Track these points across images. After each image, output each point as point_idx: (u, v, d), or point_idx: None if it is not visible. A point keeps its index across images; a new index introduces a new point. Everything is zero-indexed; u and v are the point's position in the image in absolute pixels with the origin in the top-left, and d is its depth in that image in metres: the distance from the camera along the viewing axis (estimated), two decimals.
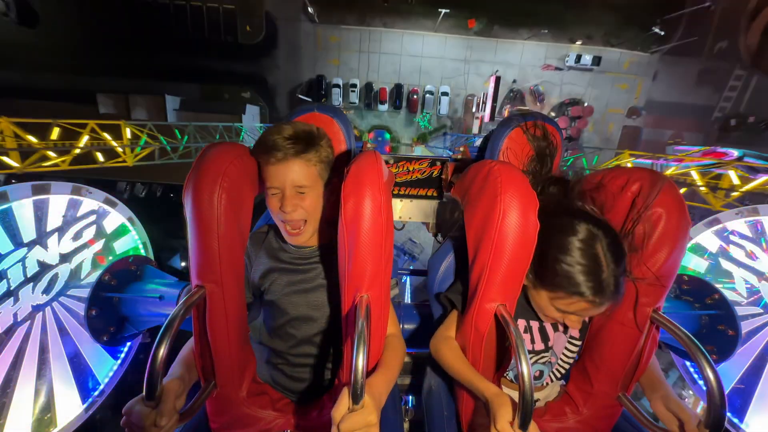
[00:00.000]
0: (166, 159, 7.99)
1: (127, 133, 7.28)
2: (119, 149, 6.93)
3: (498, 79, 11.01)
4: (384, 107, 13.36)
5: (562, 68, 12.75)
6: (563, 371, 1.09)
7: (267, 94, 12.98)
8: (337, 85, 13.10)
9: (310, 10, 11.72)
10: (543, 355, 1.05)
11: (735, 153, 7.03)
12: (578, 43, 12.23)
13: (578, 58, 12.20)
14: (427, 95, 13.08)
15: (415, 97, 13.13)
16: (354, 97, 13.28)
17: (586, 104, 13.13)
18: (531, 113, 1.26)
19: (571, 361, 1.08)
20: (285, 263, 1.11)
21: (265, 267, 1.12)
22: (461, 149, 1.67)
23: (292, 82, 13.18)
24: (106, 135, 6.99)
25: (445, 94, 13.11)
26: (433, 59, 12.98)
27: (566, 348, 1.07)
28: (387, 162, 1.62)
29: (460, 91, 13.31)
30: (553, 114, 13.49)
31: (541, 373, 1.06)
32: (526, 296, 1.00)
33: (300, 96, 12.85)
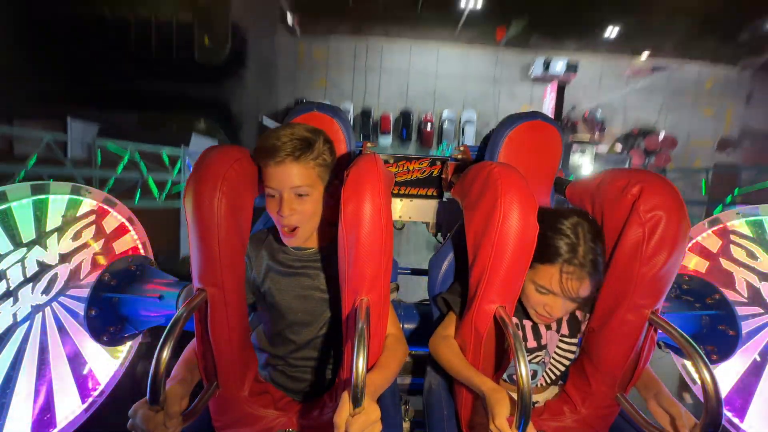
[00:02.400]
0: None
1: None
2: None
3: (562, 90, 8.18)
4: (387, 140, 10.15)
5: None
6: (557, 372, 1.09)
7: (230, 123, 10.22)
8: None
9: (289, 18, 9.17)
10: (537, 354, 1.06)
11: None
12: (645, 54, 9.39)
13: (546, 65, 9.30)
14: (446, 124, 9.87)
15: (429, 127, 9.93)
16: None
17: (662, 134, 10.03)
18: (531, 113, 1.26)
19: (564, 360, 1.09)
20: (285, 266, 1.11)
21: (265, 269, 1.12)
22: (461, 149, 1.67)
23: (265, 108, 10.09)
24: None
25: (469, 122, 9.84)
26: (451, 78, 9.88)
27: (558, 347, 1.07)
28: (387, 162, 1.62)
29: (490, 119, 9.95)
30: (619, 147, 10.32)
31: (535, 372, 1.07)
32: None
33: (265, 119, 10.01)
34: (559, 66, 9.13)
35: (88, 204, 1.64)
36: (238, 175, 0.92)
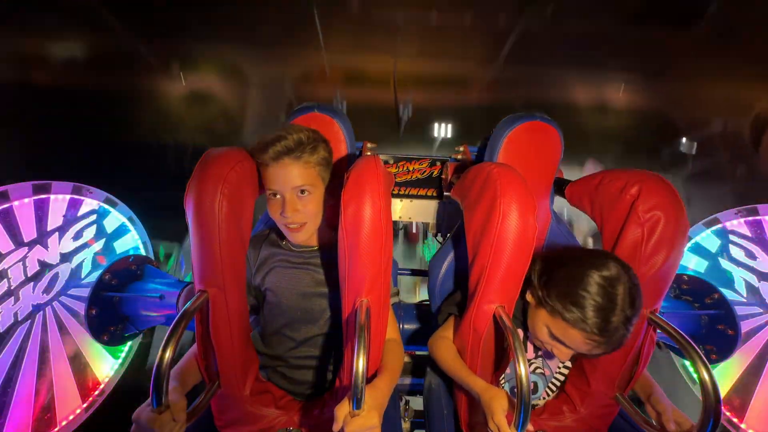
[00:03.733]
0: None
1: None
2: None
3: None
4: None
5: None
6: (559, 384, 1.10)
7: None
8: None
9: None
10: (533, 362, 1.05)
11: None
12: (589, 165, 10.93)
13: None
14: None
15: (414, 230, 11.62)
16: None
17: None
18: (530, 113, 1.26)
19: (565, 371, 1.09)
20: (285, 262, 1.12)
21: (265, 268, 1.12)
22: (461, 149, 1.67)
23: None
24: None
25: None
26: None
27: (561, 362, 1.08)
28: (386, 162, 1.63)
29: None
30: None
31: (536, 385, 1.07)
32: (522, 308, 1.00)
33: None
34: None
35: (89, 204, 1.65)
36: (238, 176, 0.92)
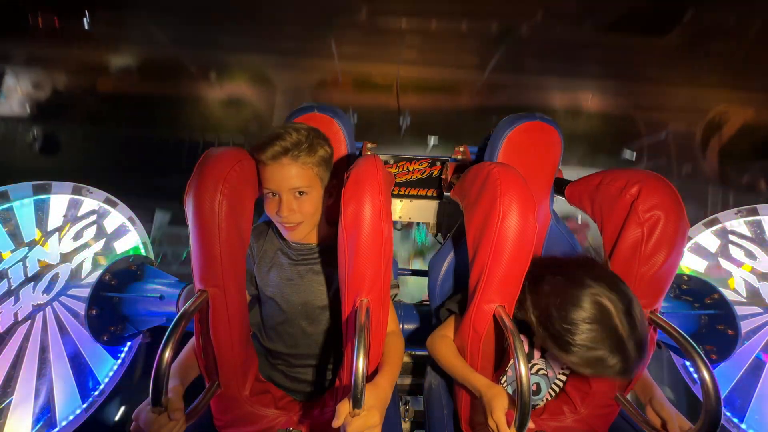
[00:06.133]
0: None
1: None
2: None
3: None
4: None
5: None
6: (562, 384, 1.09)
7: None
8: None
9: None
10: (535, 363, 1.05)
11: None
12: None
13: None
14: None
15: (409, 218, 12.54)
16: None
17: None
18: (530, 113, 1.26)
19: (567, 371, 1.09)
20: (285, 260, 1.12)
21: (266, 261, 1.13)
22: (461, 149, 1.67)
23: None
24: None
25: None
26: None
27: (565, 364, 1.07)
28: (386, 162, 1.63)
29: None
30: None
31: (539, 386, 1.07)
32: (524, 318, 1.00)
33: None
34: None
35: (89, 204, 1.65)
36: (238, 176, 0.92)
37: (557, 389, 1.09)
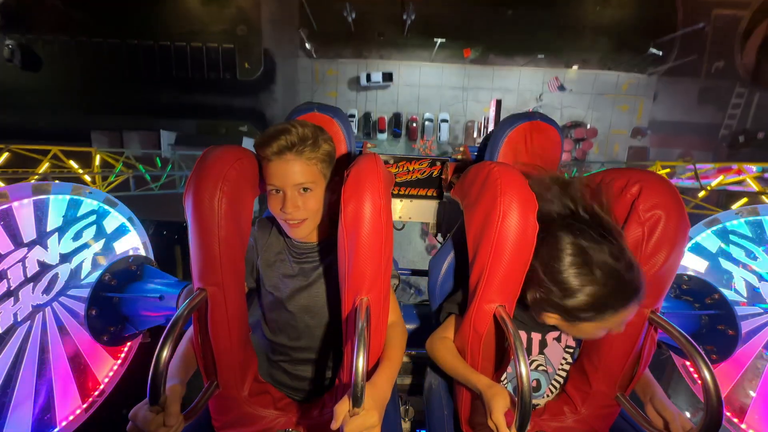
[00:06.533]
0: (144, 189, 7.49)
1: (97, 160, 6.71)
2: (86, 177, 6.25)
3: (499, 103, 10.80)
4: (383, 136, 13.23)
5: (565, 89, 12.39)
6: (562, 381, 1.09)
7: (265, 126, 13.13)
8: None
9: (307, 45, 11.94)
10: (535, 359, 1.05)
11: (753, 168, 6.39)
12: (575, 67, 12.02)
13: (368, 77, 12.11)
14: (427, 122, 12.93)
15: (414, 125, 12.91)
16: (353, 127, 13.13)
17: (588, 126, 13.02)
18: (530, 113, 1.26)
19: (566, 367, 1.09)
20: (288, 256, 1.12)
21: (269, 256, 1.13)
22: (461, 149, 1.67)
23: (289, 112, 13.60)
24: (73, 163, 6.39)
25: (444, 121, 12.82)
26: (430, 88, 12.85)
27: (563, 358, 1.08)
28: (387, 162, 1.63)
29: (460, 118, 13.09)
30: None
31: (539, 383, 1.06)
32: (524, 306, 1.00)
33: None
34: (377, 77, 12.37)
35: (89, 204, 1.65)
36: (238, 174, 0.92)
37: (557, 386, 1.09)
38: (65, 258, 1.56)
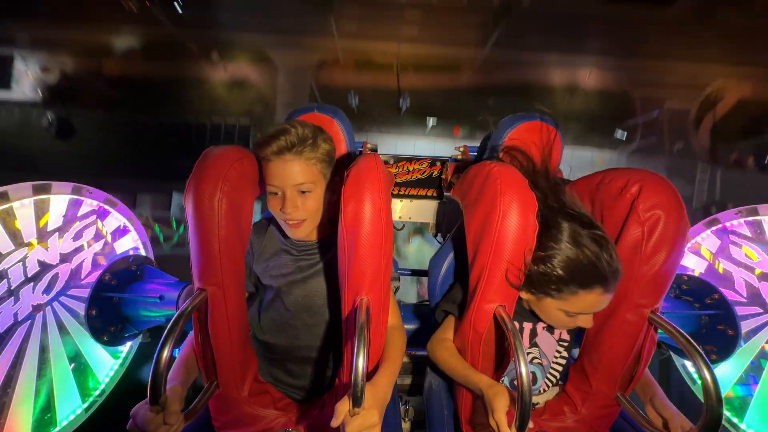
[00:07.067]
0: (157, 249, 7.69)
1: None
2: None
3: None
4: None
5: None
6: (558, 374, 1.09)
7: None
8: None
9: None
10: (529, 352, 1.05)
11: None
12: None
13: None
14: None
15: (409, 218, 13.84)
16: None
17: None
18: (530, 113, 1.26)
19: (561, 361, 1.09)
20: (286, 256, 1.12)
21: (266, 257, 1.13)
22: (461, 149, 1.67)
23: None
24: None
25: None
26: None
27: (557, 351, 1.08)
28: (387, 162, 1.63)
29: None
30: None
31: (535, 376, 1.07)
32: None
33: None
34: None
35: (89, 204, 1.65)
36: (239, 174, 0.92)
37: (553, 380, 1.09)
38: (65, 258, 1.56)
